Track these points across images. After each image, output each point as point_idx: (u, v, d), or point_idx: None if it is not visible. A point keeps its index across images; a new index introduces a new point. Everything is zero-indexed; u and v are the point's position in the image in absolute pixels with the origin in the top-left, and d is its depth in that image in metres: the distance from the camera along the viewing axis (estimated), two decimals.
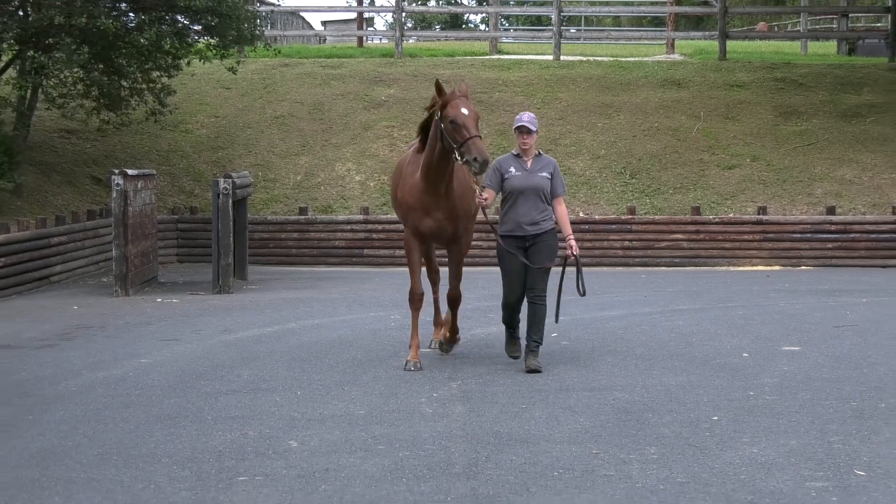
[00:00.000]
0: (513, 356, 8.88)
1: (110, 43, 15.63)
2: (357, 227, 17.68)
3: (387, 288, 14.22)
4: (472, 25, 46.09)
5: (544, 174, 8.48)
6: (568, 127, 19.79)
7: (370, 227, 17.63)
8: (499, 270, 8.82)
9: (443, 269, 9.59)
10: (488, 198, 8.50)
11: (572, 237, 8.51)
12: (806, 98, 20.85)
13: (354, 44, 27.74)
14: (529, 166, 8.49)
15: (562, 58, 23.43)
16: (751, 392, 7.97)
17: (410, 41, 27.18)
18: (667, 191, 18.32)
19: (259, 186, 18.12)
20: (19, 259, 13.98)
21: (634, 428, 6.92)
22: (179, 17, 16.59)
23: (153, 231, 15.40)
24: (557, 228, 8.61)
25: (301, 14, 32.39)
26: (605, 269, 16.27)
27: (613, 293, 13.56)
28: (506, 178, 8.45)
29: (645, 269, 16.83)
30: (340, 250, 17.65)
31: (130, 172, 14.17)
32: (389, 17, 28.08)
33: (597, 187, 18.45)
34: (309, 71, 22.27)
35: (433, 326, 9.71)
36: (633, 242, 17.33)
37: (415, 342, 8.95)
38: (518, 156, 8.54)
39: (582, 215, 17.35)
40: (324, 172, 19.03)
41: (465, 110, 8.16)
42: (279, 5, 26.22)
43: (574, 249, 8.43)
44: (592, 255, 16.11)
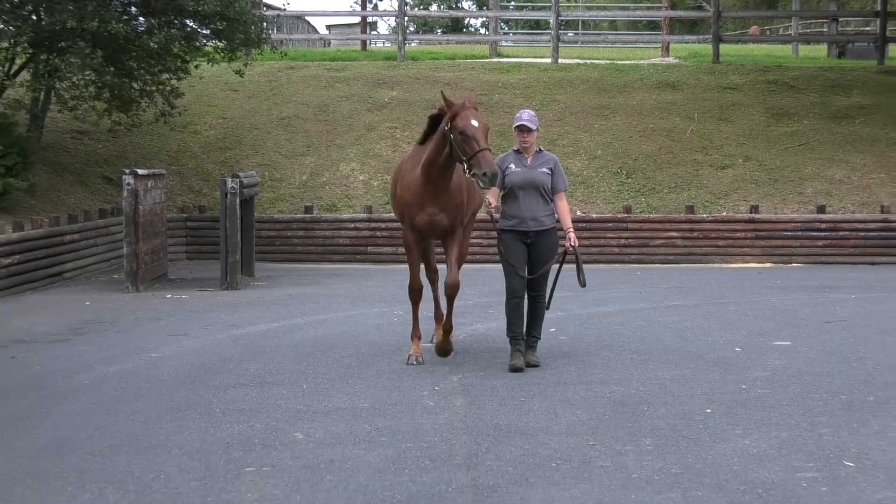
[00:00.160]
0: (515, 368, 8.33)
1: (121, 46, 15.63)
2: (361, 226, 17.69)
3: (389, 284, 14.22)
4: (473, 29, 46.07)
5: (544, 170, 8.37)
6: (566, 128, 19.80)
7: (373, 226, 17.63)
8: (499, 268, 8.66)
9: (441, 268, 9.49)
10: (494, 202, 8.33)
11: (572, 230, 8.41)
12: (797, 100, 20.85)
13: (358, 47, 27.72)
14: (530, 162, 8.38)
15: (560, 61, 23.44)
16: (743, 385, 7.98)
17: (413, 44, 27.19)
18: (661, 190, 18.33)
19: (266, 186, 18.13)
20: (33, 256, 14.00)
21: (630, 420, 6.93)
22: (188, 22, 16.61)
23: (163, 229, 15.41)
24: (558, 226, 8.47)
25: (306, 18, 32.39)
26: (602, 266, 16.27)
27: (610, 289, 13.56)
28: (506, 174, 8.31)
29: (640, 266, 16.84)
30: (344, 248, 17.65)
31: (141, 172, 14.18)
32: (392, 22, 28.09)
33: (594, 187, 18.45)
34: (314, 73, 22.27)
35: (434, 322, 9.60)
36: (629, 240, 17.34)
37: (416, 336, 8.92)
38: (519, 152, 8.44)
39: (579, 214, 17.33)
40: (328, 172, 19.04)
41: (476, 122, 7.98)
42: (285, 10, 26.17)
43: (573, 241, 8.31)
44: (590, 253, 16.08)
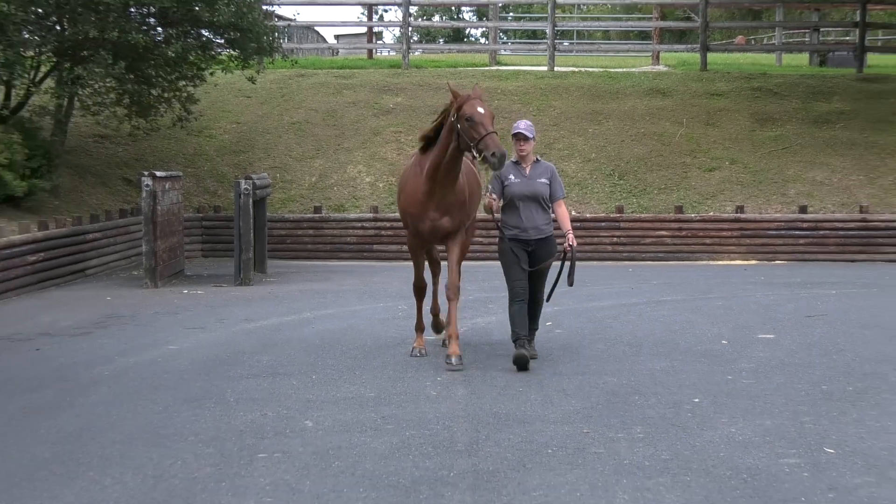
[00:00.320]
0: (520, 369, 8.10)
1: (140, 55, 15.63)
2: (367, 225, 17.70)
3: (394, 280, 14.21)
4: (473, 39, 46.01)
5: (543, 180, 8.21)
6: (561, 132, 19.79)
7: (379, 225, 17.64)
8: (498, 265, 8.51)
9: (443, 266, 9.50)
10: (496, 199, 8.14)
11: (571, 232, 8.25)
12: (780, 106, 20.83)
13: (365, 56, 27.71)
14: (528, 173, 8.22)
15: (556, 69, 23.41)
16: (729, 376, 7.98)
17: (416, 53, 27.17)
18: (652, 191, 18.32)
19: (277, 187, 18.13)
20: (57, 254, 14.01)
21: (622, 409, 6.93)
22: (204, 32, 16.59)
23: (180, 228, 15.41)
24: (556, 226, 8.33)
25: (316, 28, 32.34)
26: (596, 264, 16.25)
27: (603, 285, 13.56)
28: (506, 186, 8.15)
29: (632, 263, 16.84)
30: (352, 246, 17.66)
31: (159, 174, 14.19)
32: (397, 31, 28.06)
33: (588, 188, 18.45)
34: (323, 81, 22.27)
35: (431, 316, 9.44)
36: (622, 238, 17.35)
37: (420, 329, 8.93)
38: (517, 163, 8.26)
39: (574, 214, 17.30)
40: (336, 174, 19.04)
41: (482, 109, 7.92)
42: (295, 20, 26.16)
43: (571, 241, 8.16)
44: (584, 251, 16.03)
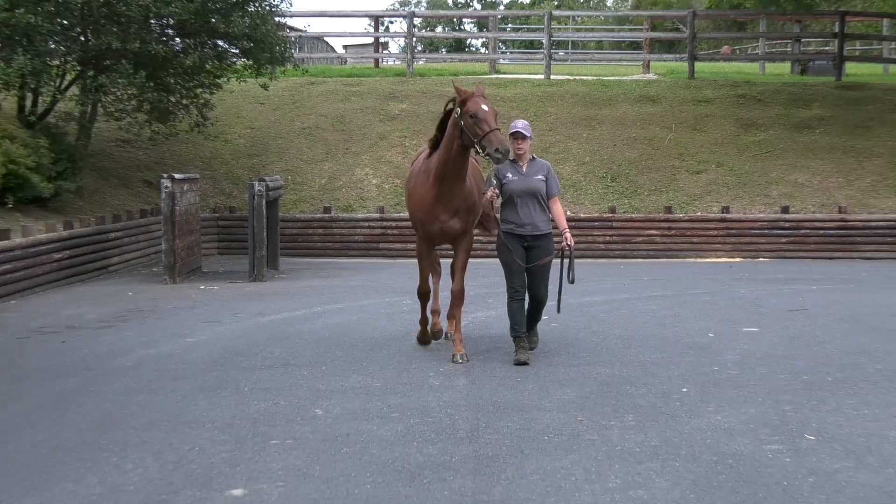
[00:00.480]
0: (519, 362, 7.99)
1: (160, 64, 15.63)
2: (374, 224, 17.70)
3: (399, 277, 14.23)
4: (474, 49, 46.02)
5: (539, 177, 8.06)
6: (557, 137, 19.78)
7: (385, 224, 17.64)
8: (496, 267, 8.47)
9: (443, 262, 9.37)
10: (495, 193, 7.99)
11: (568, 231, 8.11)
12: (764, 112, 20.81)
13: (372, 65, 27.68)
14: (525, 170, 8.08)
15: (552, 77, 23.39)
16: (715, 367, 7.98)
17: (420, 62, 27.15)
18: (643, 192, 18.31)
19: (289, 189, 18.13)
20: (82, 251, 14.02)
21: (614, 398, 6.93)
22: (220, 42, 16.59)
23: (197, 227, 15.42)
24: (554, 225, 8.20)
25: (325, 39, 32.30)
26: (589, 261, 16.24)
27: (596, 281, 13.55)
28: (504, 183, 8.00)
29: (624, 261, 16.83)
30: (359, 244, 17.66)
31: (177, 176, 14.19)
32: (402, 42, 28.04)
33: (582, 189, 18.44)
34: (332, 88, 22.26)
35: (431, 316, 8.99)
36: (614, 237, 17.34)
37: (424, 323, 8.89)
38: (514, 161, 8.08)
39: (569, 214, 17.28)
40: (345, 176, 19.04)
41: (485, 107, 7.72)
42: (306, 31, 26.14)
43: (569, 240, 8.05)
44: (578, 249, 15.83)
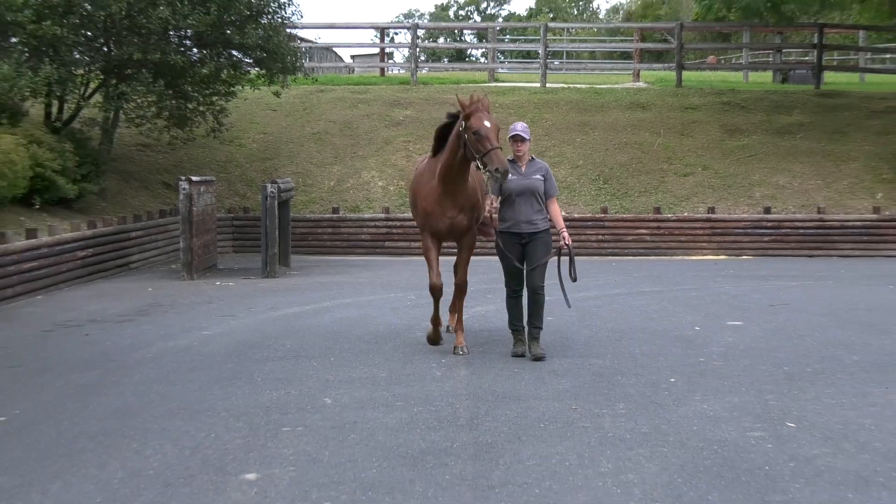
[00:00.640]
0: (516, 354, 7.98)
1: (178, 73, 15.65)
2: (379, 224, 17.70)
3: (404, 273, 14.23)
4: (474, 59, 45.97)
5: (538, 177, 7.95)
6: (552, 141, 19.76)
7: (390, 224, 17.64)
8: (495, 264, 8.36)
9: (444, 260, 9.26)
10: (495, 204, 7.91)
11: (565, 230, 7.96)
12: (747, 118, 20.79)
13: (377, 73, 27.64)
14: (524, 170, 7.96)
15: (547, 85, 23.38)
16: (701, 359, 7.97)
17: (423, 71, 27.11)
18: (633, 194, 18.30)
19: (300, 190, 18.13)
20: (104, 249, 14.03)
21: (606, 388, 6.93)
22: (235, 53, 16.60)
23: (213, 227, 15.43)
24: (552, 225, 8.10)
25: (334, 49, 32.30)
26: (583, 259, 16.14)
27: (589, 278, 13.52)
28: (504, 183, 7.84)
29: (615, 259, 16.82)
30: (366, 242, 17.66)
31: (195, 179, 14.19)
32: (406, 52, 28.01)
33: (576, 191, 18.42)
34: (340, 96, 22.26)
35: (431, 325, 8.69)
36: (606, 236, 17.32)
37: (436, 322, 8.40)
38: (513, 161, 7.94)
39: (564, 214, 17.17)
40: (352, 179, 19.04)
41: (488, 123, 7.45)
42: (316, 42, 26.15)
43: (567, 240, 7.89)
44: (572, 247, 16.05)
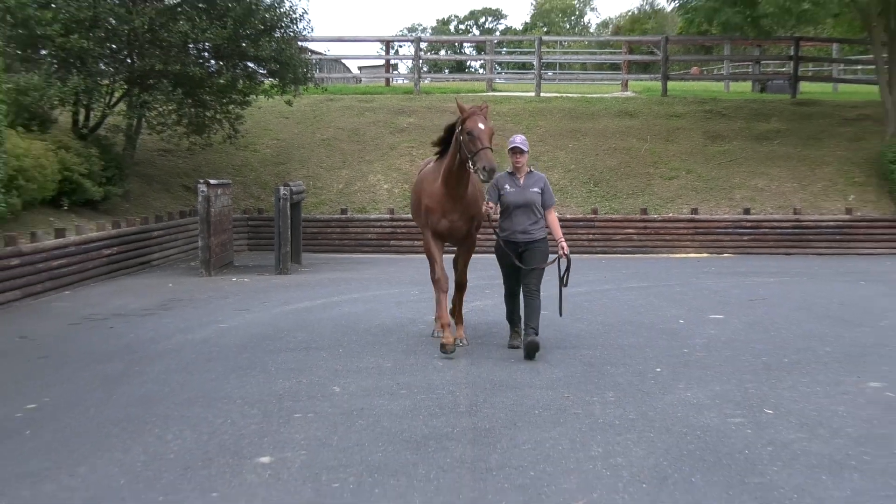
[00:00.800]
0: (513, 346, 8.01)
1: (197, 83, 15.63)
2: (385, 224, 17.69)
3: (408, 270, 14.22)
4: (473, 70, 45.95)
5: (535, 189, 7.81)
6: (546, 147, 19.74)
7: (395, 224, 17.63)
8: (494, 261, 8.24)
9: (445, 258, 9.23)
10: (492, 207, 7.78)
11: (563, 240, 7.79)
12: (728, 125, 20.77)
13: (383, 84, 27.62)
14: (522, 183, 7.73)
15: (541, 94, 23.36)
16: (685, 350, 7.97)
17: (426, 81, 27.09)
18: (621, 196, 18.28)
19: (310, 193, 18.12)
20: (127, 248, 14.02)
21: (597, 377, 6.92)
22: (250, 64, 16.59)
23: (229, 226, 15.41)
24: (550, 235, 8.00)
25: (342, 61, 32.29)
26: (574, 256, 16.13)
27: (581, 275, 13.47)
28: (502, 195, 7.76)
29: (605, 256, 16.81)
30: (372, 241, 17.65)
31: (212, 182, 14.18)
32: (410, 63, 28.00)
33: (568, 193, 18.40)
34: (348, 104, 22.25)
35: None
36: (596, 235, 17.31)
37: (446, 323, 7.89)
38: (512, 174, 7.83)
39: (557, 215, 17.25)
40: (359, 182, 19.02)
41: (482, 125, 7.36)
42: (326, 54, 26.17)
43: (565, 250, 7.69)
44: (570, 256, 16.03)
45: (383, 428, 5.61)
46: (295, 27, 17.03)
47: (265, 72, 16.87)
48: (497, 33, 71.96)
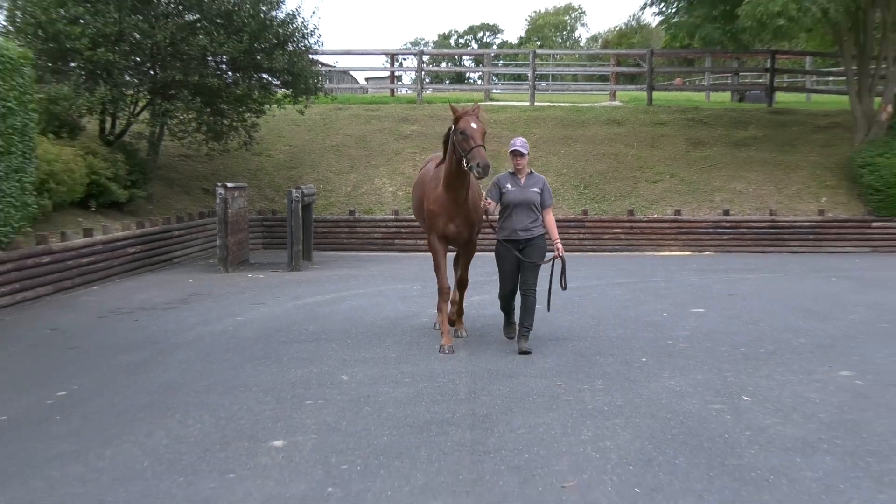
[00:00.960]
0: (508, 337, 8.02)
1: (215, 93, 15.62)
2: (389, 224, 17.68)
3: (411, 267, 14.21)
4: (472, 81, 45.88)
5: (535, 189, 7.60)
6: (540, 153, 19.73)
7: (399, 224, 17.62)
8: (493, 258, 8.13)
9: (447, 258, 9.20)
10: (492, 203, 7.69)
11: (559, 241, 7.67)
12: (709, 132, 20.75)
13: (388, 94, 27.60)
14: (523, 183, 7.62)
15: (535, 104, 23.34)
16: (669, 341, 7.96)
17: (428, 92, 27.06)
18: (610, 198, 18.27)
19: (320, 195, 18.11)
20: (151, 246, 14.02)
21: (587, 366, 6.92)
22: (264, 76, 16.57)
23: (245, 226, 15.41)
24: (547, 234, 7.88)
25: (350, 72, 32.28)
26: (566, 254, 16.17)
27: (572, 271, 13.40)
28: (503, 193, 7.66)
29: (594, 254, 16.80)
30: (378, 240, 17.64)
31: (229, 185, 14.17)
32: (413, 75, 27.98)
33: (560, 196, 18.39)
34: (356, 113, 22.23)
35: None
36: (586, 235, 17.30)
37: (444, 326, 7.79)
38: (514, 174, 7.75)
39: (552, 216, 17.25)
40: (366, 185, 19.01)
41: (474, 125, 7.23)
42: (334, 66, 26.16)
43: (560, 251, 7.56)
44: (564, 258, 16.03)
45: (388, 414, 5.61)
46: (307, 41, 17.01)
47: (279, 83, 16.86)
48: (494, 47, 71.86)
